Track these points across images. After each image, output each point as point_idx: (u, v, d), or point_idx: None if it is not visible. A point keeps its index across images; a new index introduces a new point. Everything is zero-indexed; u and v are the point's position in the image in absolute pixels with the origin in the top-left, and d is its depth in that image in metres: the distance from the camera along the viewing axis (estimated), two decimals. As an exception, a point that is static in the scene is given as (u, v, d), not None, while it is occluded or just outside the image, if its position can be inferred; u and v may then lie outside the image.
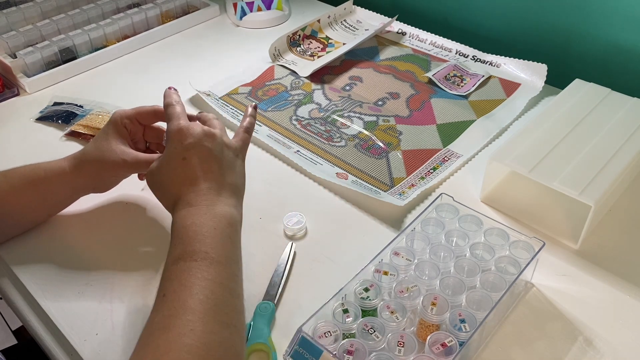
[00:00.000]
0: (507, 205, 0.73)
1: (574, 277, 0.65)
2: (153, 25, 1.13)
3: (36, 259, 0.68)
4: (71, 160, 0.68)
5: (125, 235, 0.71)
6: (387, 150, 0.82)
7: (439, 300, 0.56)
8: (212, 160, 0.57)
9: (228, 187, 0.57)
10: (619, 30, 0.92)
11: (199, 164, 0.57)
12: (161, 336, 0.45)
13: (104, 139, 0.67)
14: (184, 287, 0.48)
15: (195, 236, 0.52)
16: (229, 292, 0.50)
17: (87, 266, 0.67)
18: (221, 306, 0.48)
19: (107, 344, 0.59)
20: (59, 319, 0.61)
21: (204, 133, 0.58)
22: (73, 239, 0.70)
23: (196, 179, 0.56)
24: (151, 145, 0.73)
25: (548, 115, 0.76)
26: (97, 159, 0.66)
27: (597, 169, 0.67)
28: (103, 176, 0.69)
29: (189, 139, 0.58)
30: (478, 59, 1.01)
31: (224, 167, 0.58)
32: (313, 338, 0.53)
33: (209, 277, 0.49)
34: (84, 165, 0.67)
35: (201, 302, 0.47)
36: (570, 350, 0.57)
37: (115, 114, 0.68)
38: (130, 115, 0.68)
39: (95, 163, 0.66)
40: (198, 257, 0.50)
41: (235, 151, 0.61)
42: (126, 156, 0.66)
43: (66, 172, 0.67)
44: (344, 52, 1.03)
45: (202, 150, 0.57)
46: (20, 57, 0.97)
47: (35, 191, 0.66)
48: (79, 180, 0.67)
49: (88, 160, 0.67)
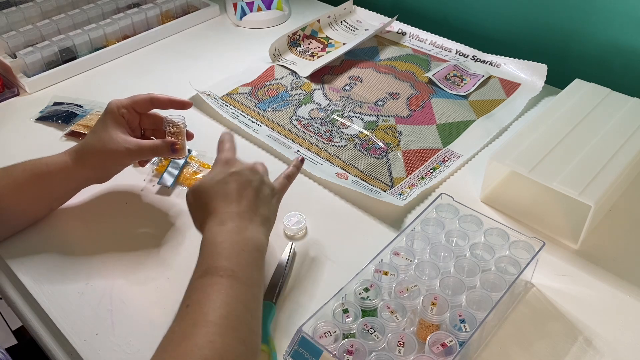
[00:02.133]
0: (507, 205, 0.73)
1: (574, 277, 0.65)
2: (153, 25, 1.13)
3: (36, 259, 0.68)
4: (73, 153, 0.68)
5: (126, 235, 0.71)
6: (387, 150, 0.82)
7: (439, 300, 0.56)
8: (250, 189, 0.60)
9: (260, 217, 0.59)
10: (619, 30, 0.92)
11: (237, 189, 0.59)
12: (181, 344, 0.46)
13: (103, 129, 0.68)
14: (207, 300, 0.49)
15: (223, 253, 0.53)
16: (249, 313, 0.51)
17: (87, 266, 0.67)
18: (240, 324, 0.49)
19: (107, 344, 0.59)
20: (59, 319, 0.61)
21: (249, 167, 0.62)
22: (73, 239, 0.70)
23: (232, 201, 0.58)
24: (147, 132, 0.74)
25: (548, 115, 0.76)
26: (100, 149, 0.67)
27: (597, 169, 0.67)
28: (107, 166, 0.70)
29: (233, 167, 0.61)
30: (478, 59, 1.01)
31: (259, 199, 0.60)
32: (313, 338, 0.53)
33: (232, 295, 0.50)
34: (88, 157, 0.68)
35: (222, 317, 0.48)
36: (570, 350, 0.57)
37: (111, 103, 0.69)
38: (126, 104, 0.69)
39: (98, 154, 0.67)
40: (224, 274, 0.51)
41: (273, 191, 0.63)
42: (129, 144, 0.67)
43: (69, 164, 0.67)
44: (344, 52, 1.03)
45: (242, 178, 0.60)
46: (20, 57, 0.97)
47: (37, 185, 0.67)
48: (83, 171, 0.68)
49: (91, 151, 0.68)
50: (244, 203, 0.58)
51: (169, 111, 0.73)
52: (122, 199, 0.76)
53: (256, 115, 0.90)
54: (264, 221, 0.59)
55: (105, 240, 0.70)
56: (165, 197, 0.76)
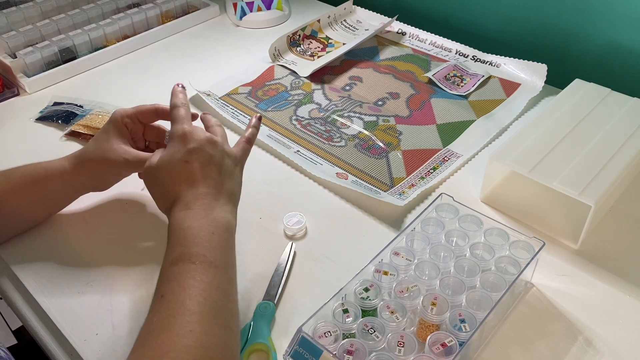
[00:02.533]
0: (507, 205, 0.73)
1: (574, 277, 0.65)
2: (153, 25, 1.13)
3: (36, 259, 0.68)
4: (72, 159, 0.68)
5: (125, 235, 0.71)
6: (387, 150, 0.82)
7: (439, 300, 0.56)
8: (212, 166, 0.58)
9: (226, 194, 0.58)
10: (619, 30, 0.92)
11: (200, 168, 0.57)
12: (160, 336, 0.45)
13: (104, 138, 0.67)
14: (182, 289, 0.48)
15: (193, 239, 0.52)
16: (226, 296, 0.50)
17: (87, 266, 0.67)
18: (219, 309, 0.49)
19: (107, 344, 0.59)
20: (59, 319, 0.61)
21: (207, 139, 0.59)
22: (73, 238, 0.70)
23: (196, 182, 0.57)
24: (151, 144, 0.73)
25: (548, 115, 0.76)
26: (99, 157, 0.67)
27: (597, 169, 0.67)
28: (104, 175, 0.69)
29: (191, 143, 0.58)
30: (478, 59, 1.01)
31: (223, 174, 0.59)
32: (313, 338, 0.53)
33: (207, 280, 0.49)
34: (85, 164, 0.67)
35: (199, 304, 0.47)
36: (570, 350, 0.57)
37: (116, 113, 0.68)
38: (130, 114, 0.68)
39: (96, 162, 0.67)
40: (196, 260, 0.50)
41: (235, 160, 0.61)
42: (127, 155, 0.66)
43: (67, 171, 0.67)
44: (344, 52, 1.03)
45: (203, 156, 0.58)
46: (20, 57, 0.97)
47: (35, 190, 0.66)
48: (80, 179, 0.68)
49: (89, 159, 0.67)
50: (208, 182, 0.57)
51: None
52: (122, 199, 0.76)
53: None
54: (230, 197, 0.58)
55: (105, 240, 0.70)
56: (165, 197, 0.76)
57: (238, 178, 0.61)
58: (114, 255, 0.68)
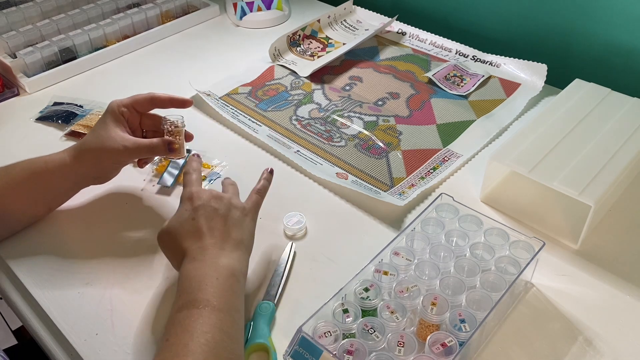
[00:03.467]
0: (507, 205, 0.73)
1: (574, 277, 0.65)
2: (153, 25, 1.13)
3: (36, 259, 0.68)
4: (71, 151, 0.68)
5: (125, 235, 0.71)
6: (387, 150, 0.82)
7: (439, 300, 0.56)
8: (217, 218, 0.59)
9: (232, 242, 0.59)
10: (619, 30, 0.92)
11: (205, 222, 0.59)
12: None
13: (102, 127, 0.68)
14: (186, 332, 0.50)
15: (198, 286, 0.53)
16: (229, 338, 0.51)
17: (87, 266, 0.67)
18: (221, 350, 0.49)
19: (107, 344, 0.59)
20: (58, 319, 0.61)
21: (212, 196, 0.61)
22: (73, 239, 0.70)
23: (202, 235, 0.58)
24: (147, 133, 0.74)
25: (548, 115, 0.76)
26: (97, 146, 0.67)
27: (597, 169, 0.67)
28: (104, 164, 0.69)
29: (197, 201, 0.60)
30: (478, 59, 1.01)
31: (229, 224, 0.60)
32: (313, 338, 0.53)
33: (210, 323, 0.51)
34: (85, 154, 0.68)
35: (201, 346, 0.48)
36: (570, 350, 0.57)
37: (112, 103, 0.69)
38: (127, 104, 0.70)
39: (95, 151, 0.67)
40: (200, 305, 0.52)
41: (244, 211, 0.62)
42: (126, 142, 0.67)
43: (67, 162, 0.68)
44: (344, 52, 1.03)
45: (208, 210, 0.60)
46: (20, 57, 0.97)
47: (36, 183, 0.67)
48: (80, 169, 0.68)
49: (88, 148, 0.68)
50: (214, 233, 0.58)
51: (169, 111, 0.73)
52: (122, 199, 0.76)
53: (256, 115, 0.90)
54: (238, 244, 0.59)
55: (105, 240, 0.70)
56: (165, 197, 0.76)
57: (248, 227, 0.62)
58: (114, 255, 0.68)
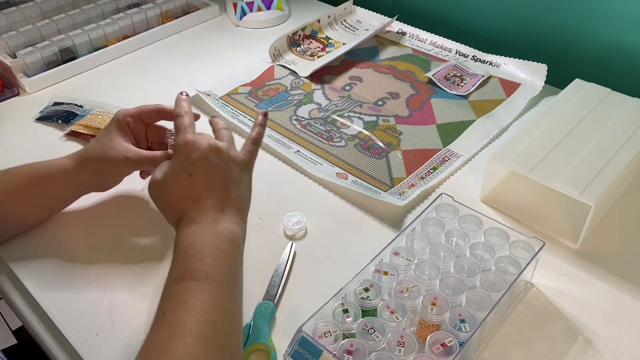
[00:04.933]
0: (507, 205, 0.73)
1: (574, 277, 0.65)
2: (153, 25, 1.13)
3: (36, 259, 0.68)
4: (74, 158, 0.68)
5: (126, 235, 0.71)
6: (387, 150, 0.82)
7: (439, 300, 0.56)
8: (217, 176, 0.57)
9: (232, 204, 0.57)
10: (619, 30, 0.92)
11: (204, 181, 0.56)
12: (159, 358, 0.45)
13: (106, 136, 0.68)
14: (183, 308, 0.48)
15: (196, 255, 0.51)
16: (228, 315, 0.50)
17: (87, 266, 0.67)
18: (219, 330, 0.48)
19: (107, 344, 0.59)
20: (59, 319, 0.61)
21: (210, 147, 0.58)
22: (73, 238, 0.70)
23: (200, 195, 0.56)
24: (153, 144, 0.73)
25: (548, 115, 0.76)
26: (100, 155, 0.67)
27: (597, 169, 0.67)
28: (105, 173, 0.69)
29: (194, 153, 0.57)
30: (478, 59, 1.01)
31: (229, 183, 0.58)
32: (313, 338, 0.53)
33: (208, 299, 0.49)
34: (87, 162, 0.67)
35: (199, 325, 0.47)
36: (570, 350, 0.57)
37: (119, 112, 0.69)
38: (133, 114, 0.69)
39: (98, 160, 0.67)
40: (198, 277, 0.50)
41: (242, 165, 0.60)
42: (129, 153, 0.66)
43: (69, 169, 0.67)
44: (344, 52, 1.03)
45: (207, 166, 0.57)
46: (20, 57, 0.97)
47: (37, 189, 0.67)
48: (82, 177, 0.68)
49: (91, 157, 0.67)
50: (213, 194, 0.56)
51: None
52: (122, 199, 0.76)
53: (256, 115, 0.90)
54: (238, 207, 0.57)
55: (105, 240, 0.70)
56: (165, 197, 0.76)
57: (246, 184, 0.60)
58: (113, 255, 0.68)
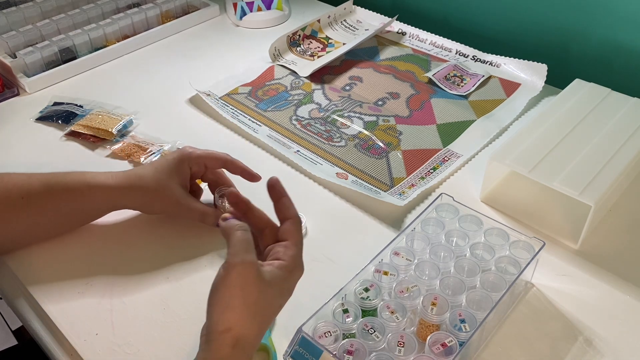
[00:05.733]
0: (507, 205, 0.73)
1: (574, 277, 0.65)
2: (153, 25, 1.13)
3: (36, 259, 0.68)
4: (120, 179, 0.65)
5: (125, 235, 0.71)
6: (387, 150, 0.82)
7: (439, 300, 0.56)
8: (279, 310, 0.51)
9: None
10: (619, 30, 0.92)
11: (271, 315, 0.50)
12: None
13: (165, 172, 0.65)
14: None
15: None
16: None
17: (87, 266, 0.67)
18: None
19: (107, 344, 0.59)
20: (59, 319, 0.61)
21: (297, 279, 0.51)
22: (73, 238, 0.70)
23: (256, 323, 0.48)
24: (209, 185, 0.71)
25: (548, 115, 0.76)
26: (153, 189, 0.64)
27: (597, 169, 0.67)
28: (149, 206, 0.68)
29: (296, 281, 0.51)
30: (478, 59, 1.01)
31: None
32: (313, 338, 0.53)
33: None
34: (135, 191, 0.65)
35: None
36: (570, 350, 0.57)
37: (185, 152, 0.66)
38: (199, 156, 0.66)
39: (149, 192, 0.65)
40: None
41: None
42: (182, 200, 0.65)
43: (111, 187, 0.64)
44: (344, 52, 1.03)
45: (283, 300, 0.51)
46: (20, 57, 0.97)
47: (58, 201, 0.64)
48: (122, 201, 0.66)
49: (142, 186, 0.65)
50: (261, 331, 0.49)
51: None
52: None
53: (256, 115, 0.90)
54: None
55: (105, 240, 0.70)
56: (165, 197, 0.76)
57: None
58: (114, 255, 0.68)
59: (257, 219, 0.54)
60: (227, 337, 0.45)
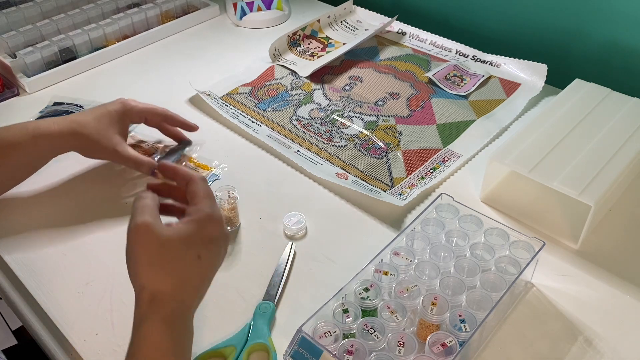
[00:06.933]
0: (507, 205, 0.73)
1: (574, 277, 0.65)
2: (153, 25, 1.13)
3: (36, 259, 0.68)
4: (62, 125, 0.69)
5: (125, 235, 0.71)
6: (387, 150, 0.82)
7: (439, 300, 0.56)
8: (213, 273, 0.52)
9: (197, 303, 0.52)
10: (619, 30, 0.92)
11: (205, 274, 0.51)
12: None
13: (105, 120, 0.70)
14: None
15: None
16: None
17: (87, 266, 0.67)
18: None
19: (107, 344, 0.59)
20: (59, 319, 0.61)
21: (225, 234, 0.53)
22: (73, 238, 0.70)
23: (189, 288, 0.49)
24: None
25: (548, 115, 0.76)
26: (93, 137, 0.69)
27: (597, 169, 0.67)
28: (90, 152, 0.72)
29: (213, 233, 0.51)
30: (478, 59, 1.01)
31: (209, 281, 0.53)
32: (313, 338, 0.53)
33: None
34: (77, 137, 0.69)
35: None
36: (570, 350, 0.57)
37: (127, 104, 0.71)
38: (141, 110, 0.71)
39: (89, 140, 0.69)
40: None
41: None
42: (119, 148, 0.70)
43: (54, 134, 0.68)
44: (344, 52, 1.03)
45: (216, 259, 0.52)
46: (20, 57, 0.97)
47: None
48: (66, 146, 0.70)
49: (84, 133, 0.69)
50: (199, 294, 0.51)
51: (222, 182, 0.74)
52: (121, 197, 0.76)
53: (256, 115, 0.90)
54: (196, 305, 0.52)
55: (105, 240, 0.70)
56: (165, 197, 0.76)
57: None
58: (114, 255, 0.68)
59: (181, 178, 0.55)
60: (143, 295, 0.47)
